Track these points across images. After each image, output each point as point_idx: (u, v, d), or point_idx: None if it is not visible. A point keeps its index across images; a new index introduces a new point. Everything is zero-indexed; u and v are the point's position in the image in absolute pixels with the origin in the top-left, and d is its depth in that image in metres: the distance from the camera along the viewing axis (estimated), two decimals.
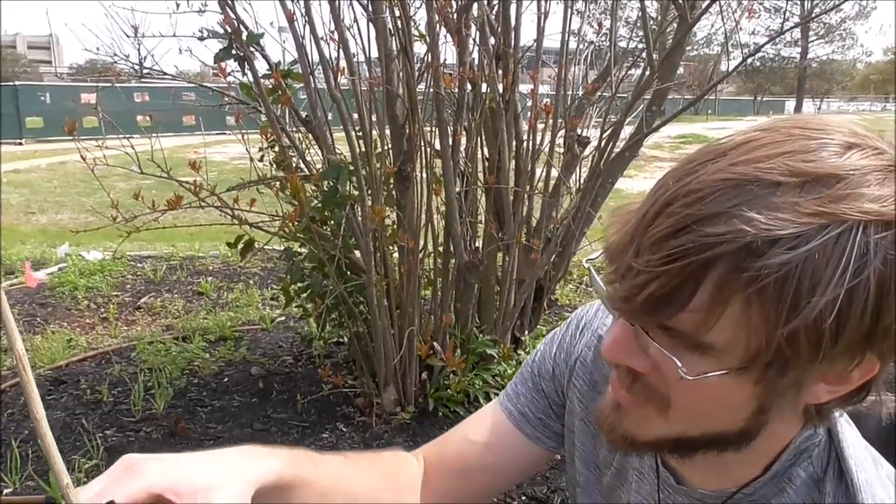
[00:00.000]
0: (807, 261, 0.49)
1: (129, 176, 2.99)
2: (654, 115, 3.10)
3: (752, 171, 0.52)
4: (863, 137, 0.55)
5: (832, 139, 0.54)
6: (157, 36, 2.94)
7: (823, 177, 0.51)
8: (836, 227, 0.50)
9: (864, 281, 0.50)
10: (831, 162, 0.52)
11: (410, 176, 2.79)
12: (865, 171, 0.52)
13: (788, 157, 0.52)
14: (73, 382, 3.22)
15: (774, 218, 0.50)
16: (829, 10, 27.54)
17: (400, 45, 2.62)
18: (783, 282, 0.50)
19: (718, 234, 0.50)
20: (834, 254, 0.50)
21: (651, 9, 3.31)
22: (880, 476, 0.67)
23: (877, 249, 0.50)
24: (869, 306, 0.50)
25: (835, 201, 0.50)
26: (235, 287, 4.80)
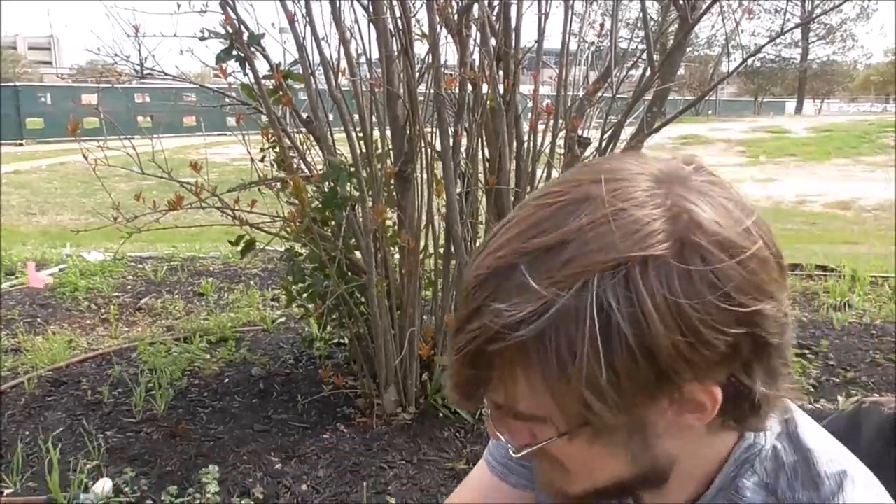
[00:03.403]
0: (552, 331, 0.53)
1: (129, 177, 2.99)
2: (655, 115, 3.10)
3: (494, 263, 0.57)
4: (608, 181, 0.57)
5: (568, 199, 0.57)
6: (158, 36, 2.94)
7: (552, 247, 0.55)
8: (567, 293, 0.53)
9: (616, 331, 0.53)
10: (558, 231, 0.55)
11: (411, 177, 2.79)
12: (592, 226, 0.55)
13: (522, 235, 0.57)
14: (73, 383, 3.22)
15: (514, 304, 0.54)
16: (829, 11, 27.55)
17: (401, 45, 2.62)
18: (543, 355, 0.54)
19: (476, 329, 0.56)
20: (577, 317, 0.53)
21: (652, 10, 3.31)
22: (852, 464, 0.68)
23: (616, 297, 0.53)
24: (636, 351, 0.53)
25: (562, 268, 0.54)
26: (236, 288, 4.80)
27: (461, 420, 2.81)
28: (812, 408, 2.88)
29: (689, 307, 0.53)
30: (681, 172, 0.59)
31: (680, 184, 0.58)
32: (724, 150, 18.88)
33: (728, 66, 3.17)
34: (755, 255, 0.56)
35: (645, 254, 0.53)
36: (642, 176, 0.58)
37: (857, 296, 4.46)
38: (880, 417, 0.78)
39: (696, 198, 0.57)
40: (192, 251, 6.01)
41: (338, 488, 2.42)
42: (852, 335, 3.78)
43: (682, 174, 0.59)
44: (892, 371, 3.31)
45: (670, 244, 0.54)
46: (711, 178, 0.60)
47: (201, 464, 2.50)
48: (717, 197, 0.58)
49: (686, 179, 0.58)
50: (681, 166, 0.60)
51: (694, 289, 0.54)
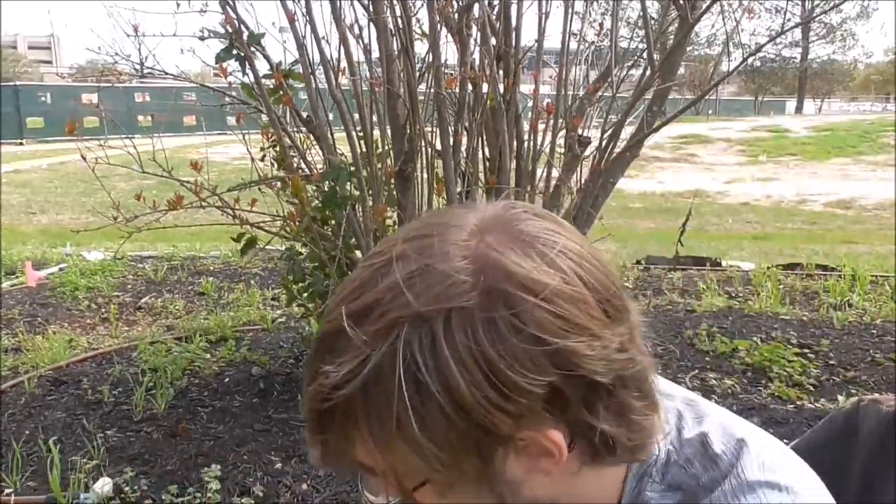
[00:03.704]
0: (371, 389, 0.55)
1: (130, 176, 3.00)
2: (655, 115, 3.10)
3: (325, 327, 0.60)
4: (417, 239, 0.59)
5: (381, 260, 0.59)
6: (158, 36, 2.95)
7: (368, 306, 0.56)
8: (379, 351, 0.55)
9: (424, 387, 0.54)
10: (369, 292, 0.57)
11: (411, 176, 2.79)
12: (401, 284, 0.56)
13: (344, 300, 0.59)
14: (73, 383, 3.22)
15: (338, 364, 0.56)
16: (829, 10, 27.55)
17: (401, 45, 2.62)
18: (366, 412, 0.56)
19: (313, 392, 0.59)
20: (388, 375, 0.54)
21: (652, 9, 3.31)
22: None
23: (421, 353, 0.54)
24: (447, 406, 0.54)
25: (375, 325, 0.55)
26: (236, 287, 4.80)
27: None
28: (812, 407, 2.88)
29: (495, 357, 0.53)
30: (500, 219, 0.60)
31: (494, 231, 0.58)
32: (724, 150, 18.87)
33: (728, 65, 3.17)
34: (560, 292, 0.55)
35: (448, 306, 0.54)
36: (457, 228, 0.59)
37: (858, 295, 4.46)
38: (878, 416, 0.78)
39: (506, 243, 0.57)
40: (192, 250, 6.01)
41: (338, 487, 2.42)
42: (852, 334, 3.78)
43: (501, 220, 0.60)
44: (893, 370, 3.31)
45: (474, 294, 0.54)
46: (532, 222, 0.60)
47: (201, 463, 2.50)
48: (532, 241, 0.58)
49: (502, 227, 0.59)
50: (501, 212, 0.61)
51: (499, 336, 0.54)
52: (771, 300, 4.33)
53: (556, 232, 0.60)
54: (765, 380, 3.15)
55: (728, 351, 3.46)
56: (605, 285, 0.59)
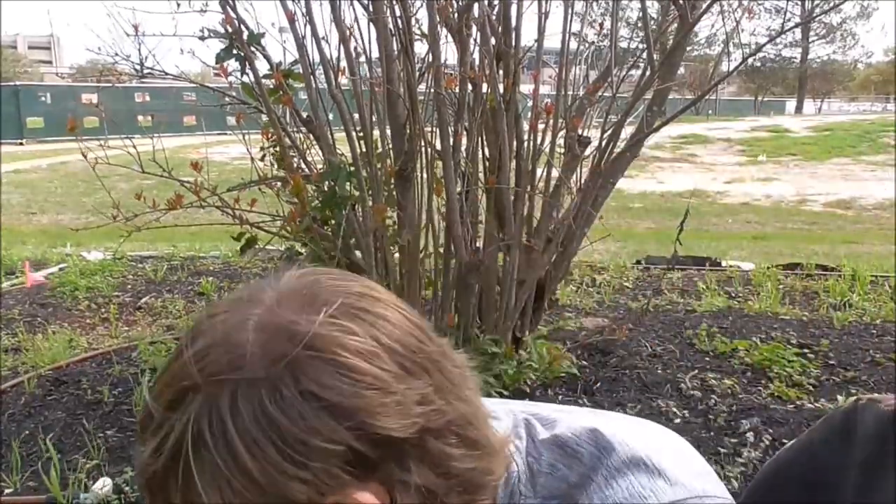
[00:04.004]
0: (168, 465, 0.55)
1: (130, 176, 2.99)
2: (655, 115, 3.10)
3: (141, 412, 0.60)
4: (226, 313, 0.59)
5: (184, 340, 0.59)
6: (158, 36, 2.95)
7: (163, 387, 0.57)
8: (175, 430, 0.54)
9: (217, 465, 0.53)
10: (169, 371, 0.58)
11: (411, 176, 2.79)
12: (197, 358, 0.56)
13: (158, 380, 0.59)
14: (73, 383, 3.22)
15: (146, 441, 0.57)
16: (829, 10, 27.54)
17: (401, 45, 2.62)
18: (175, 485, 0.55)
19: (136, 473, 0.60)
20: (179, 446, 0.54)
21: (652, 9, 3.31)
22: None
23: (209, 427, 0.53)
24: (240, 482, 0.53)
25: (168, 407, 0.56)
26: (236, 287, 4.78)
27: None
28: (812, 407, 2.88)
29: (284, 425, 0.52)
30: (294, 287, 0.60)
31: (287, 299, 0.58)
32: (724, 150, 18.87)
33: (728, 65, 3.17)
34: (346, 347, 0.55)
35: (234, 377, 0.54)
36: (254, 302, 0.59)
37: (857, 295, 4.46)
38: (876, 415, 0.78)
39: (296, 309, 0.57)
40: (192, 250, 6.01)
41: None
42: (852, 335, 3.78)
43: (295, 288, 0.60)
44: (893, 370, 3.31)
45: (262, 364, 0.54)
46: (330, 283, 0.60)
47: None
48: (323, 301, 0.58)
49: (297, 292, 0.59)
50: (297, 281, 0.61)
51: (286, 404, 0.53)
52: (771, 300, 4.33)
53: (350, 294, 0.59)
54: (764, 380, 3.15)
55: (728, 351, 3.46)
56: (404, 341, 0.58)
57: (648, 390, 3.04)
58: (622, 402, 2.91)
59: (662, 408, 2.86)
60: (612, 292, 4.63)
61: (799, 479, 0.87)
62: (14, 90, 21.19)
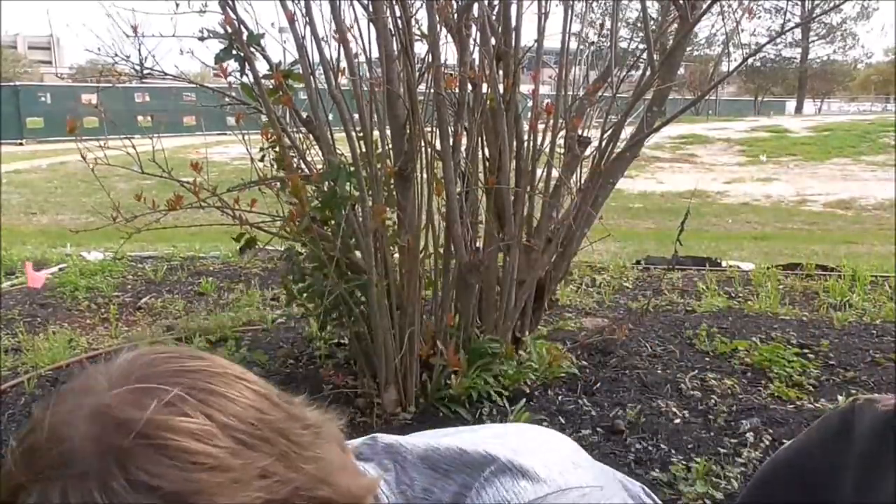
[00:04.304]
0: None
1: (129, 176, 2.99)
2: (655, 115, 3.10)
3: None
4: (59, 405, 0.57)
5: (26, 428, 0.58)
6: (157, 36, 2.95)
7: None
8: None
9: None
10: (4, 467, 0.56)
11: (411, 176, 2.79)
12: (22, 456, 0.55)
13: None
14: None
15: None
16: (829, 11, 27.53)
17: (400, 45, 2.62)
18: None
19: None
20: None
21: (652, 9, 3.31)
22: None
23: None
24: None
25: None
26: (236, 287, 4.79)
27: (461, 420, 2.81)
28: (812, 407, 2.88)
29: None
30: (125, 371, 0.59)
31: (117, 385, 0.57)
32: (723, 150, 18.87)
33: (728, 65, 3.17)
34: (174, 428, 0.53)
35: (64, 473, 0.52)
36: (87, 390, 0.57)
37: (857, 295, 4.46)
38: (874, 414, 0.78)
39: (125, 396, 0.55)
40: (191, 251, 6.01)
41: None
42: (852, 335, 3.78)
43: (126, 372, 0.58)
44: (893, 371, 3.31)
45: (91, 458, 0.52)
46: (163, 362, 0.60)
47: None
48: (154, 383, 0.56)
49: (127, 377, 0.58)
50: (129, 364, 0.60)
51: (115, 498, 0.51)
52: (770, 300, 4.33)
53: (186, 372, 0.58)
54: (764, 380, 3.15)
55: (728, 351, 3.46)
56: (242, 416, 0.57)
57: (648, 390, 3.04)
58: (622, 403, 2.91)
59: (662, 408, 2.86)
60: (612, 292, 4.63)
61: (797, 479, 0.87)
62: (14, 90, 21.19)
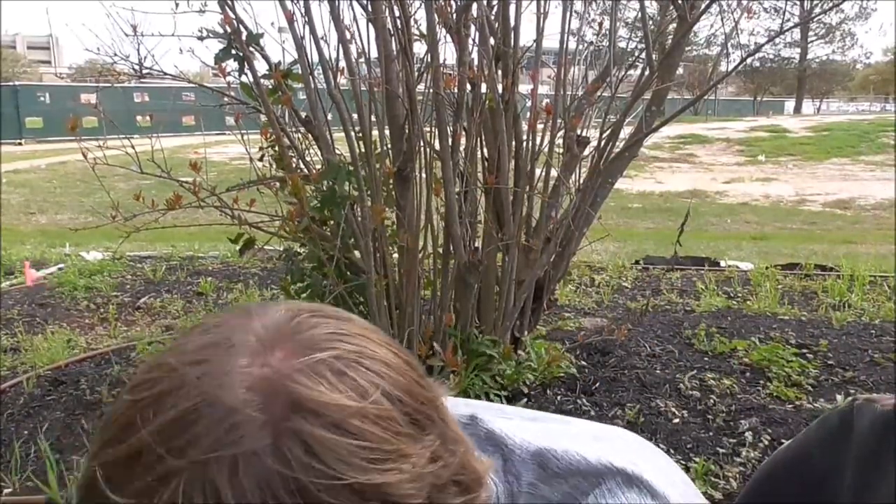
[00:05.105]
0: None
1: (128, 176, 2.99)
2: (654, 115, 3.10)
3: (87, 477, 0.50)
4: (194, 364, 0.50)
5: (150, 394, 0.50)
6: (156, 36, 2.94)
7: (128, 460, 0.48)
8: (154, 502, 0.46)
9: None
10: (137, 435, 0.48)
11: (410, 176, 2.79)
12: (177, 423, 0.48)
13: (107, 444, 0.50)
14: (72, 383, 3.22)
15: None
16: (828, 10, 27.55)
17: (399, 45, 2.62)
18: None
19: None
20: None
21: (650, 9, 3.31)
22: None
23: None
24: None
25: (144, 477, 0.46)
26: (235, 287, 4.79)
27: None
28: (811, 407, 2.89)
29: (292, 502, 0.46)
30: (283, 334, 0.53)
31: (280, 349, 0.51)
32: (723, 150, 18.88)
33: (727, 65, 3.17)
34: (361, 414, 0.49)
35: (233, 452, 0.46)
36: (235, 349, 0.51)
37: (856, 295, 4.47)
38: (873, 415, 0.78)
39: (293, 363, 0.50)
40: (191, 250, 6.01)
41: None
42: (851, 335, 3.79)
43: (285, 335, 0.52)
44: (891, 370, 3.31)
45: (264, 433, 0.47)
46: (323, 328, 0.54)
47: None
48: (324, 355, 0.51)
49: (289, 341, 0.52)
50: (285, 324, 0.54)
51: (295, 483, 0.46)
52: (769, 300, 4.33)
53: (347, 336, 0.53)
54: (763, 380, 3.15)
55: (726, 351, 3.47)
56: (412, 391, 0.53)
57: (647, 390, 3.04)
58: (621, 403, 2.91)
59: (661, 408, 2.86)
60: (611, 292, 4.63)
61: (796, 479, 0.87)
62: (13, 90, 21.18)
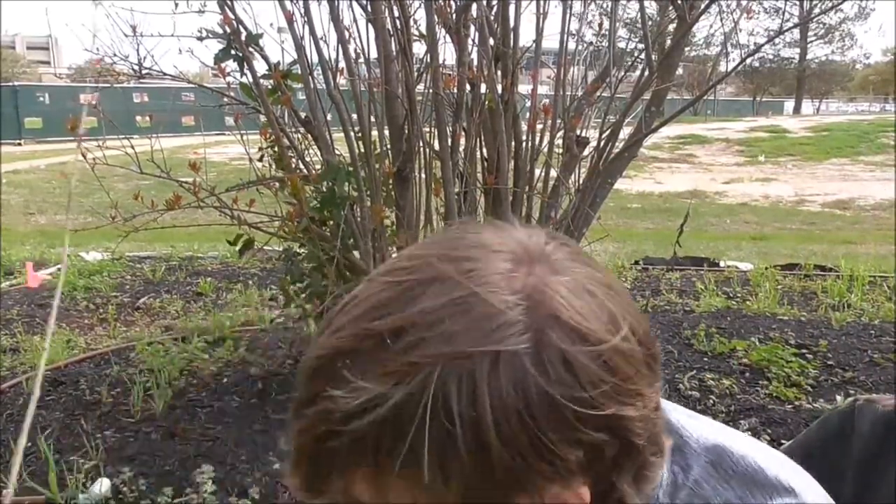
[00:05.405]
0: (388, 425, 0.48)
1: (128, 177, 2.99)
2: (654, 115, 3.10)
3: (334, 345, 0.52)
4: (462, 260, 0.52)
5: (416, 277, 0.52)
6: (156, 36, 2.94)
7: (394, 332, 0.50)
8: (406, 386, 0.48)
9: (455, 433, 0.47)
10: (400, 314, 0.50)
11: (410, 176, 2.79)
12: (439, 312, 0.49)
13: (365, 317, 0.52)
14: (72, 383, 3.22)
15: (353, 389, 0.49)
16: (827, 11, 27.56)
17: (399, 45, 2.62)
18: (376, 449, 0.49)
19: (313, 415, 0.52)
20: (413, 412, 0.48)
21: (650, 9, 3.31)
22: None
23: (458, 396, 0.47)
24: (476, 456, 0.48)
25: (403, 356, 0.49)
26: (234, 287, 4.79)
27: None
28: (810, 408, 2.89)
29: (543, 414, 0.48)
30: (542, 250, 0.54)
31: (541, 264, 0.52)
32: (722, 150, 18.88)
33: (726, 65, 3.17)
34: (618, 349, 0.51)
35: (496, 349, 0.48)
36: (500, 254, 0.52)
37: (856, 295, 4.47)
38: (874, 415, 0.78)
39: (557, 283, 0.51)
40: (190, 251, 6.01)
41: None
42: (851, 335, 3.79)
43: (544, 252, 0.53)
44: (891, 371, 3.31)
45: (526, 338, 0.48)
46: (574, 255, 0.55)
47: (199, 464, 2.49)
48: (581, 279, 0.52)
49: (548, 258, 0.53)
50: (542, 242, 0.55)
51: (551, 390, 0.48)
52: (769, 300, 4.33)
53: (598, 267, 0.55)
54: (763, 380, 3.15)
55: (726, 351, 3.46)
56: (648, 333, 0.54)
57: None
58: None
59: None
60: None
61: None
62: (12, 90, 21.18)
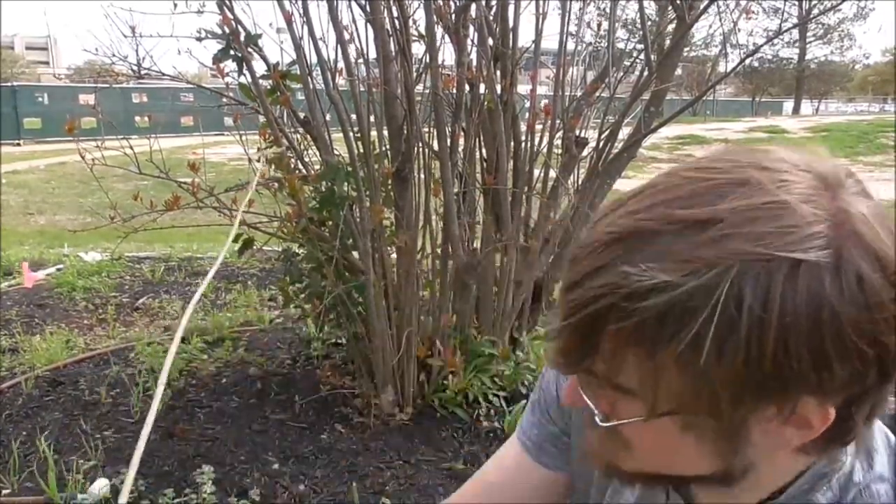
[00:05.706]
0: (677, 309, 0.50)
1: (127, 177, 2.99)
2: (653, 115, 3.10)
3: (633, 224, 0.53)
4: (772, 171, 0.54)
5: (726, 177, 0.53)
6: (155, 36, 2.94)
7: (700, 222, 0.51)
8: (704, 275, 0.49)
9: (742, 328, 0.49)
10: (710, 207, 0.52)
11: (409, 177, 2.79)
12: (748, 211, 0.51)
13: (670, 204, 0.53)
14: (71, 383, 3.22)
15: (647, 269, 0.50)
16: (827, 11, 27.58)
17: (398, 45, 2.62)
18: (660, 331, 0.51)
19: (598, 287, 0.52)
20: (706, 303, 0.49)
21: (649, 9, 3.32)
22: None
23: (753, 294, 0.49)
24: (759, 354, 0.49)
25: (706, 247, 0.50)
26: (233, 288, 4.79)
27: (458, 420, 2.81)
28: None
29: (830, 324, 0.49)
30: (841, 178, 0.55)
31: (844, 190, 0.54)
32: None
33: (726, 65, 3.17)
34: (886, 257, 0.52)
35: (798, 256, 0.49)
36: (809, 174, 0.54)
37: None
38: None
39: (860, 209, 0.53)
40: (189, 251, 6.01)
41: (335, 488, 2.42)
42: None
43: (844, 182, 0.55)
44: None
45: (828, 253, 0.50)
46: (865, 189, 0.57)
47: (199, 464, 2.49)
48: (878, 212, 0.55)
49: (849, 188, 0.55)
50: (840, 171, 0.56)
51: (841, 306, 0.49)
52: None
53: (882, 207, 0.56)
54: None
55: None
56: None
57: None
58: None
59: None
60: None
61: None
62: (11, 90, 21.13)
